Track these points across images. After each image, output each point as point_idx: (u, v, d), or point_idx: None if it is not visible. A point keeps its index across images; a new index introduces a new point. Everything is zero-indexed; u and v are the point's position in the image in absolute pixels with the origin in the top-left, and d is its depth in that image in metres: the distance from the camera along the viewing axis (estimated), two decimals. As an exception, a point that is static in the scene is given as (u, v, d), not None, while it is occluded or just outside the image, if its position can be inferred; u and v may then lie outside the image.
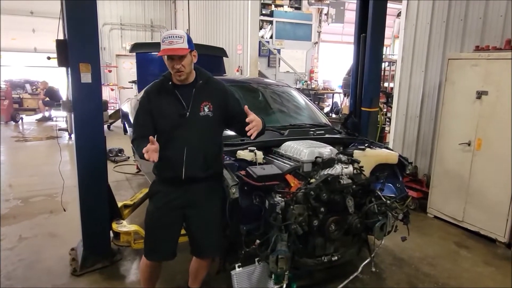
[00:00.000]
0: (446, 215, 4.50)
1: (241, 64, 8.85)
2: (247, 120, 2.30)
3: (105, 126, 9.60)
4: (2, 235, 3.97)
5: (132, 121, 3.80)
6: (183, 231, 2.62)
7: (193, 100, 2.39)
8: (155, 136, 2.34)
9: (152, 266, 2.60)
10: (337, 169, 2.89)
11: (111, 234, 3.46)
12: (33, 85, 13.52)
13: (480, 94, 4.01)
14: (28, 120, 12.13)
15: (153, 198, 2.54)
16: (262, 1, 11.66)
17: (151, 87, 2.51)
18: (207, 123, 2.44)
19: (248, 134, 2.32)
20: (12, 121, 11.68)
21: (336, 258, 2.87)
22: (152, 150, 2.14)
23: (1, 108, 11.44)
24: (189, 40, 2.33)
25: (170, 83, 2.41)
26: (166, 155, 2.35)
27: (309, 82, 11.72)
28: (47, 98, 12.26)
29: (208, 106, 2.42)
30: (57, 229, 4.12)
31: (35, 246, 3.75)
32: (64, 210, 3.77)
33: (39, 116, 12.52)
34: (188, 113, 2.38)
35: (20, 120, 11.91)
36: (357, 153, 3.19)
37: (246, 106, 2.36)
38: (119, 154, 7.27)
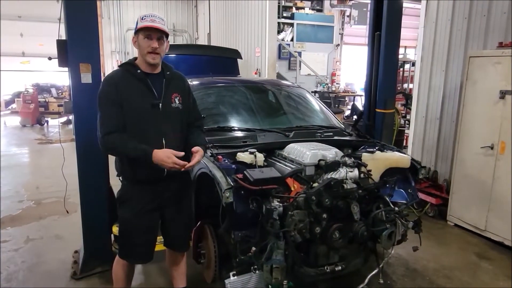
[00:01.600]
0: (467, 223, 4.21)
1: (259, 67, 8.75)
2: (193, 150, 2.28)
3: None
4: (10, 236, 4.00)
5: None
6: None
7: (164, 90, 2.30)
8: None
9: (128, 266, 2.55)
10: (341, 173, 2.72)
11: (112, 238, 3.41)
12: (58, 89, 13.90)
13: (503, 94, 3.74)
14: (53, 123, 12.43)
15: (127, 204, 2.38)
16: (283, 4, 11.56)
17: (115, 75, 2.32)
18: (179, 115, 2.37)
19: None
20: (37, 124, 12.01)
21: (340, 268, 2.69)
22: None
23: (28, 111, 11.81)
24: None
25: (139, 71, 2.27)
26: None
27: (330, 85, 11.50)
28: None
29: (178, 98, 2.36)
30: (64, 231, 4.11)
31: (40, 248, 3.75)
32: (67, 212, 3.75)
33: (64, 119, 12.82)
34: (160, 104, 2.27)
35: (46, 123, 12.23)
36: (365, 156, 3.00)
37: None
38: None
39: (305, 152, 2.82)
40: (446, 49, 4.80)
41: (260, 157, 2.79)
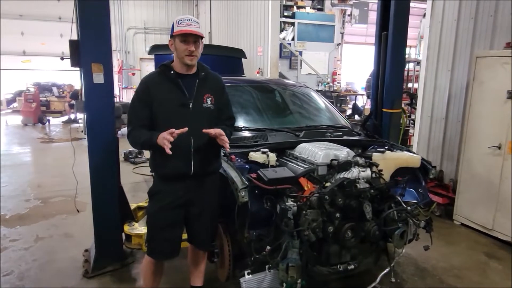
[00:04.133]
0: (475, 222, 4.24)
1: (261, 66, 8.77)
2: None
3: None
4: (19, 235, 4.01)
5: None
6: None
7: (196, 90, 2.36)
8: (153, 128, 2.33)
9: (156, 264, 2.57)
10: (353, 172, 2.74)
11: (123, 237, 3.42)
12: (60, 88, 13.90)
13: (511, 94, 3.76)
14: (55, 122, 12.43)
15: (154, 198, 2.47)
16: (284, 3, 11.54)
17: (149, 77, 2.44)
18: (209, 116, 2.42)
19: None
20: (39, 123, 12.00)
21: (352, 267, 2.70)
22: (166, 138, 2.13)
23: (29, 110, 11.80)
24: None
25: (173, 72, 2.35)
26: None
27: (331, 84, 11.51)
28: (73, 101, 12.54)
29: (210, 98, 2.42)
30: (74, 230, 4.12)
31: (50, 247, 3.76)
32: (78, 211, 3.76)
33: (65, 118, 12.81)
34: (191, 104, 2.33)
35: (47, 122, 12.22)
36: (376, 156, 3.02)
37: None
38: (139, 156, 7.30)
39: (317, 152, 2.85)
40: (452, 49, 4.82)
41: (273, 156, 2.81)
